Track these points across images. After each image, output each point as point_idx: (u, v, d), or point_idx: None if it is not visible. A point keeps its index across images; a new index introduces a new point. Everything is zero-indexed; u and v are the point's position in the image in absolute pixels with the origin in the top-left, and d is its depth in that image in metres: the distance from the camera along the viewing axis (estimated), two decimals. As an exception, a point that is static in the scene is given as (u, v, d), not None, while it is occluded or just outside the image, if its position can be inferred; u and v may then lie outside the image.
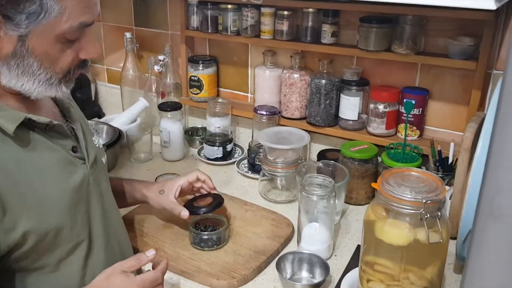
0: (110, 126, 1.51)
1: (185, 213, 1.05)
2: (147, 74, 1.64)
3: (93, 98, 1.80)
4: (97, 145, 0.91)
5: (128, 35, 1.61)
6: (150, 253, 0.83)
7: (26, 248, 0.75)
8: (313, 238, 1.02)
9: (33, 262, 0.78)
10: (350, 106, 1.32)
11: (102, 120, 1.63)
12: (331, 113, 1.35)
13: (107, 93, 1.84)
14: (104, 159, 0.93)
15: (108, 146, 1.37)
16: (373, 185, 0.82)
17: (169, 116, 1.47)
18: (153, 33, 1.65)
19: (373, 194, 1.25)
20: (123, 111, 1.64)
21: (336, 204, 1.04)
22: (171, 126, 1.46)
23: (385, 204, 0.79)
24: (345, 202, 1.20)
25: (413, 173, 0.83)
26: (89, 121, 1.55)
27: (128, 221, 1.13)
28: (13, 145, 0.73)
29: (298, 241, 1.06)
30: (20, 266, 0.77)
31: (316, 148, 1.44)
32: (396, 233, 0.78)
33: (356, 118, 1.33)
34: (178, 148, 1.50)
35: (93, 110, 1.77)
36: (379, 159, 1.24)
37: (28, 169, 0.74)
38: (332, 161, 1.21)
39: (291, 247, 1.08)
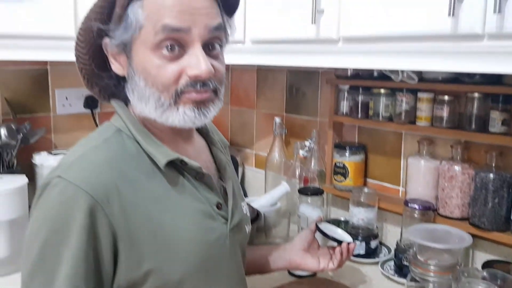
0: (249, 205, 1.48)
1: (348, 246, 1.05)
2: (292, 161, 1.61)
3: (239, 181, 1.82)
4: (244, 212, 0.87)
5: (277, 119, 1.63)
6: None
7: None
8: None
9: None
10: (527, 208, 1.08)
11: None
12: (501, 215, 1.12)
13: (252, 176, 1.85)
14: (247, 228, 0.87)
15: (244, 226, 1.34)
16: None
17: (309, 201, 1.39)
18: (302, 120, 1.65)
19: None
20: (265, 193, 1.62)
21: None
22: (310, 212, 1.38)
23: None
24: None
25: None
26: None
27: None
28: (161, 180, 0.72)
29: None
30: None
31: (481, 257, 1.19)
32: None
33: (536, 224, 1.08)
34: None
35: (237, 192, 1.79)
36: None
37: (167, 208, 0.71)
38: (501, 272, 0.97)
39: None
